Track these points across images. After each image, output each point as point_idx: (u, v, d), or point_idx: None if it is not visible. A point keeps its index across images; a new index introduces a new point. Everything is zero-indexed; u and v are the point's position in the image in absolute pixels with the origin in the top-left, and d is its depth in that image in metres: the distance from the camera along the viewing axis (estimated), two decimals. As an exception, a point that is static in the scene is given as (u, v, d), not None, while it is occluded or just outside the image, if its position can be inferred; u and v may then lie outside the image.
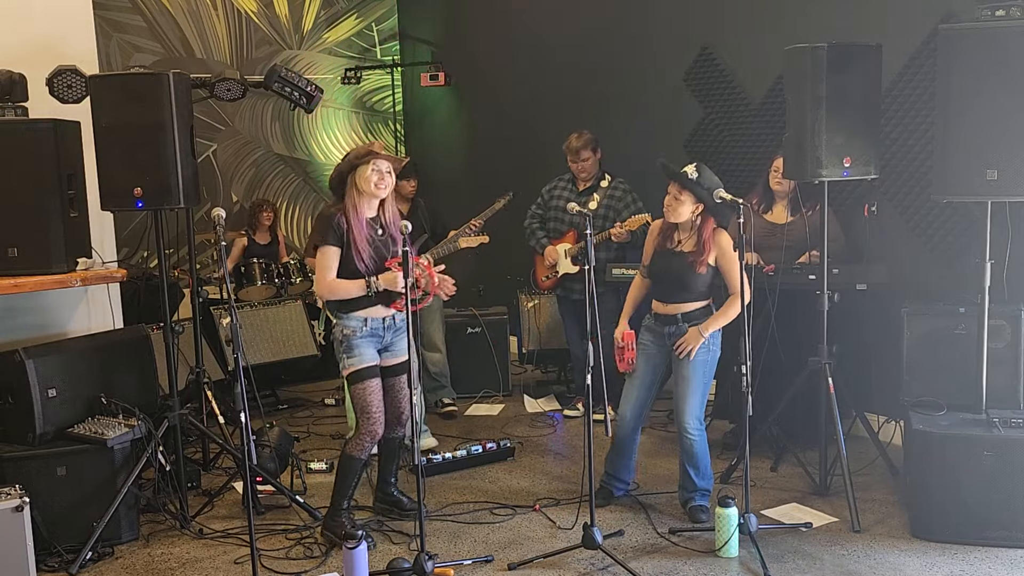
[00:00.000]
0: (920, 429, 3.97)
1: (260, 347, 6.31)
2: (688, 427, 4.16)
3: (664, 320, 4.19)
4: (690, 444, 4.18)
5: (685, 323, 4.15)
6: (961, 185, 3.90)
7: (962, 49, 3.81)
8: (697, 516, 4.22)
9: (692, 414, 4.16)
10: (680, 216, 4.10)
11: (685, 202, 4.06)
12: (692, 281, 4.11)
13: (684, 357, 4.13)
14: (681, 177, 4.02)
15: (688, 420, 4.16)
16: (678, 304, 4.16)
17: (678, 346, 4.14)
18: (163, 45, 7.60)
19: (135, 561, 4.07)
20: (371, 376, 4.01)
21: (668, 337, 4.20)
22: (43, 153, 4.25)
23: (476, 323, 6.45)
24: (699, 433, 4.18)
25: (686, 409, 4.16)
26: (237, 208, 7.87)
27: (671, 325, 4.18)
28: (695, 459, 4.21)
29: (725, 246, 4.11)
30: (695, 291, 4.14)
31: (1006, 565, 3.70)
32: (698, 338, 4.11)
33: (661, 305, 4.21)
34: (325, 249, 3.94)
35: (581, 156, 5.53)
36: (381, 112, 8.89)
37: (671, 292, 4.17)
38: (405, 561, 3.72)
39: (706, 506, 4.25)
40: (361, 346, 4.00)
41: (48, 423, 4.16)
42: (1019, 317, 4.14)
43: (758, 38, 5.61)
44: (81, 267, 4.46)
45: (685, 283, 4.13)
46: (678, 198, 4.06)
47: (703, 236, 4.09)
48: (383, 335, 4.07)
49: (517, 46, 7.55)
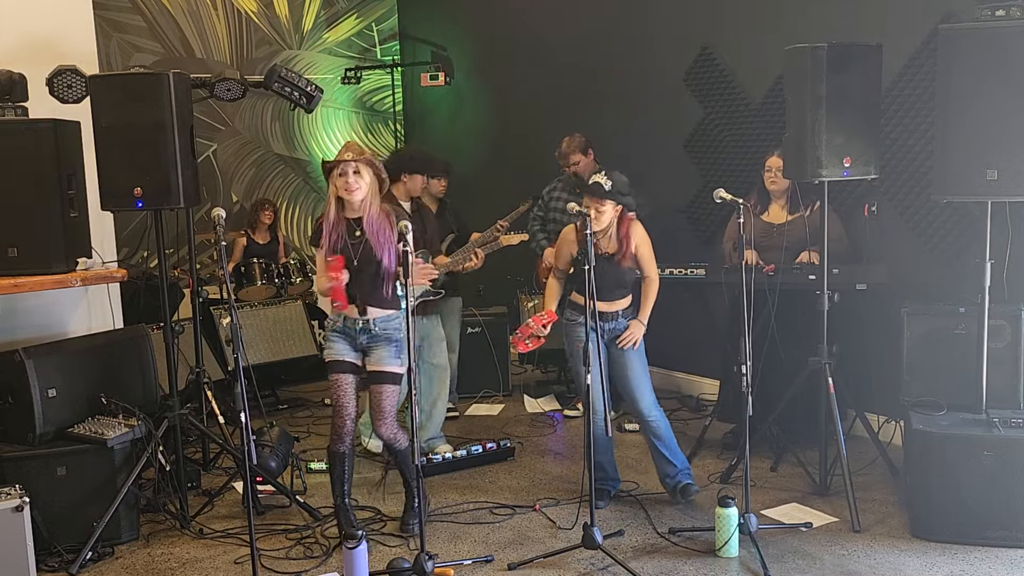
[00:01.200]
0: (920, 429, 3.97)
1: (260, 347, 6.31)
2: (649, 414, 4.34)
3: (604, 317, 4.32)
4: (656, 427, 4.35)
5: (624, 318, 4.35)
6: (961, 185, 3.90)
7: (962, 49, 3.81)
8: (689, 492, 4.37)
9: (648, 399, 4.35)
10: (604, 223, 4.26)
11: (606, 211, 4.22)
12: (624, 277, 4.33)
13: (629, 348, 4.32)
14: (598, 190, 4.18)
15: (647, 406, 4.35)
16: (616, 301, 4.35)
17: (624, 339, 4.32)
18: (163, 45, 7.60)
19: (135, 561, 4.07)
20: (340, 371, 4.11)
21: (607, 332, 4.35)
22: (43, 153, 4.25)
23: (476, 323, 6.45)
24: (659, 413, 4.38)
25: (642, 396, 4.35)
26: (237, 208, 7.87)
27: (611, 321, 4.34)
28: (664, 440, 4.37)
29: (641, 234, 4.34)
30: (627, 285, 4.37)
31: (1006, 565, 3.70)
32: (641, 328, 4.35)
33: (603, 304, 4.28)
34: (317, 251, 4.15)
35: (570, 160, 5.54)
36: (381, 112, 8.89)
37: (609, 292, 4.31)
38: (405, 561, 3.72)
39: (693, 484, 4.40)
40: (333, 340, 4.15)
41: (48, 423, 4.16)
42: (1019, 317, 4.14)
43: (758, 38, 5.61)
44: (81, 267, 4.46)
45: (620, 280, 4.34)
46: (600, 210, 4.20)
47: (621, 233, 4.30)
48: (356, 336, 4.10)
49: (517, 46, 7.55)
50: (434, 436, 5.24)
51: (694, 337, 5.89)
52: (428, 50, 8.49)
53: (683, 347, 6.06)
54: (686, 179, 6.14)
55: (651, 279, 4.39)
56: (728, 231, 5.15)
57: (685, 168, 6.17)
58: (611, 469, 4.54)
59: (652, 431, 4.36)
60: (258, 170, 8.22)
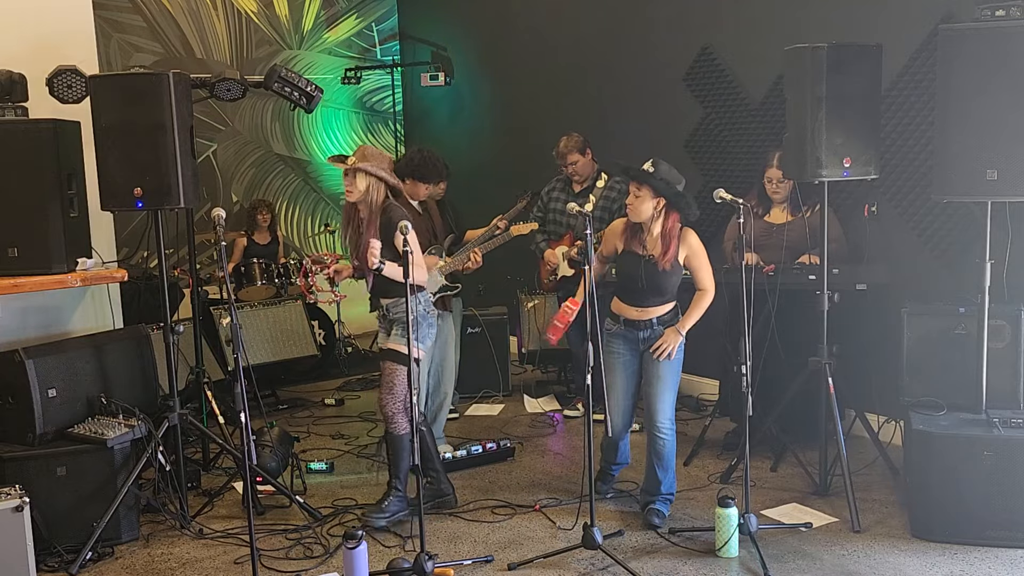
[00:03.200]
0: (920, 429, 3.97)
1: (260, 347, 6.31)
2: (662, 427, 4.16)
3: (637, 325, 4.18)
4: (662, 444, 4.18)
5: (660, 326, 4.17)
6: (961, 185, 3.90)
7: (962, 49, 3.82)
8: (651, 520, 4.18)
9: (666, 414, 4.17)
10: (642, 214, 4.08)
11: (644, 198, 4.05)
12: (665, 284, 4.12)
13: (664, 358, 4.15)
14: (637, 172, 4.05)
15: (662, 420, 4.16)
16: (652, 308, 4.17)
17: (657, 347, 4.15)
18: (163, 45, 7.60)
19: (135, 561, 4.07)
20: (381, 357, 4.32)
21: (642, 342, 4.20)
22: (43, 153, 4.25)
23: (476, 323, 6.45)
24: (671, 433, 4.19)
25: (661, 409, 4.16)
26: (237, 208, 7.87)
27: (646, 330, 4.18)
28: (664, 460, 4.20)
29: (694, 245, 4.15)
30: (668, 293, 4.17)
31: (1006, 565, 3.70)
32: (677, 338, 4.14)
33: (634, 310, 4.17)
34: None
35: (568, 160, 5.53)
36: (381, 112, 8.89)
37: (644, 297, 4.16)
38: (405, 561, 3.72)
39: (664, 512, 4.23)
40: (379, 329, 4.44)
41: (48, 423, 4.16)
42: (1019, 317, 4.14)
43: (758, 38, 5.61)
44: (81, 267, 4.46)
45: (660, 288, 4.13)
46: (637, 195, 4.07)
47: (666, 231, 4.10)
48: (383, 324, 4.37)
49: (517, 46, 7.55)
50: (436, 437, 5.24)
51: (694, 337, 5.86)
52: (428, 50, 8.50)
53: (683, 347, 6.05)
54: (686, 179, 6.12)
55: (705, 291, 4.16)
56: (728, 231, 5.15)
57: (685, 168, 6.12)
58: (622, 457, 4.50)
59: (656, 446, 4.19)
60: (258, 170, 8.22)
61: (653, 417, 4.18)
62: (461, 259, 5.06)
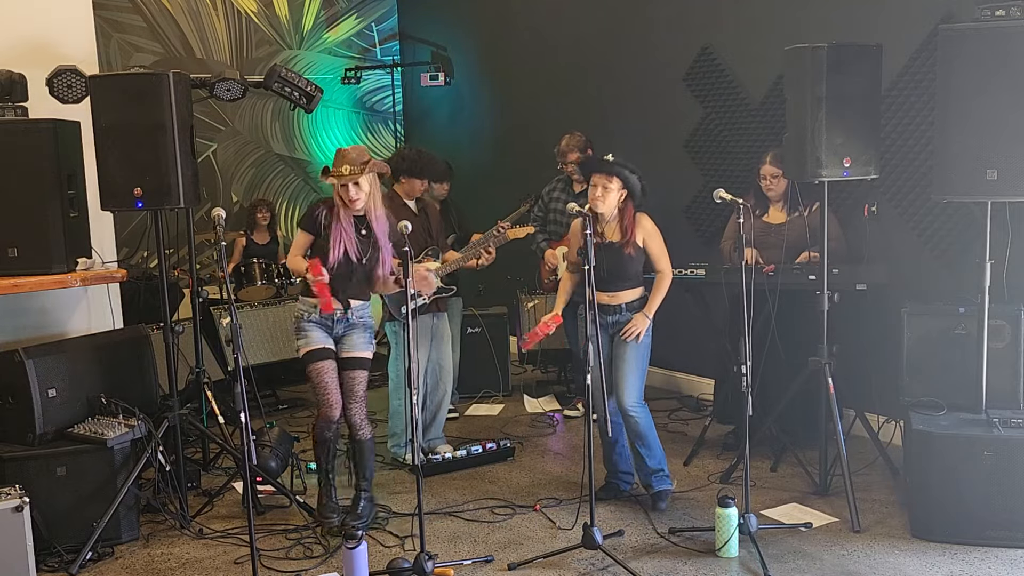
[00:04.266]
0: (920, 429, 3.97)
1: (260, 347, 6.30)
2: (631, 407, 4.28)
3: (607, 310, 4.30)
4: (635, 423, 4.30)
5: (628, 312, 4.31)
6: (961, 185, 3.90)
7: (962, 49, 3.82)
8: (657, 504, 4.34)
9: (632, 395, 4.30)
10: (609, 205, 4.23)
11: (613, 189, 4.21)
12: (627, 267, 4.28)
13: (631, 340, 4.27)
14: (609, 165, 4.20)
15: (630, 400, 4.29)
16: (619, 293, 4.31)
17: (627, 331, 4.27)
18: (163, 45, 7.60)
19: (135, 561, 4.07)
20: (323, 357, 4.19)
21: (611, 326, 4.32)
22: (43, 153, 4.25)
23: (476, 323, 6.45)
24: (642, 410, 4.31)
25: (627, 389, 4.29)
26: (237, 208, 7.86)
27: (615, 314, 4.31)
28: (643, 437, 4.32)
29: (649, 227, 4.33)
30: (632, 277, 4.32)
31: (1006, 565, 3.70)
32: (645, 321, 4.29)
33: (605, 295, 4.28)
34: (299, 232, 4.28)
35: (569, 159, 5.53)
36: (381, 112, 8.89)
37: (611, 282, 4.28)
38: (405, 561, 3.72)
39: (667, 490, 4.37)
40: (309, 329, 4.21)
41: (48, 423, 4.16)
42: (1019, 317, 4.14)
43: (758, 38, 5.60)
44: (81, 267, 4.46)
45: (623, 271, 4.28)
46: (607, 187, 4.20)
47: (625, 221, 4.27)
48: (332, 325, 4.25)
49: (517, 46, 7.55)
50: (435, 436, 5.24)
51: (694, 337, 5.88)
52: (428, 50, 8.49)
53: (683, 347, 6.06)
54: (686, 179, 6.15)
55: (663, 273, 4.35)
56: (728, 231, 5.15)
57: (685, 168, 6.18)
58: (624, 463, 4.51)
59: (632, 426, 4.31)
60: (258, 170, 8.22)
61: (621, 399, 4.30)
62: (471, 254, 5.05)
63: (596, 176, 4.23)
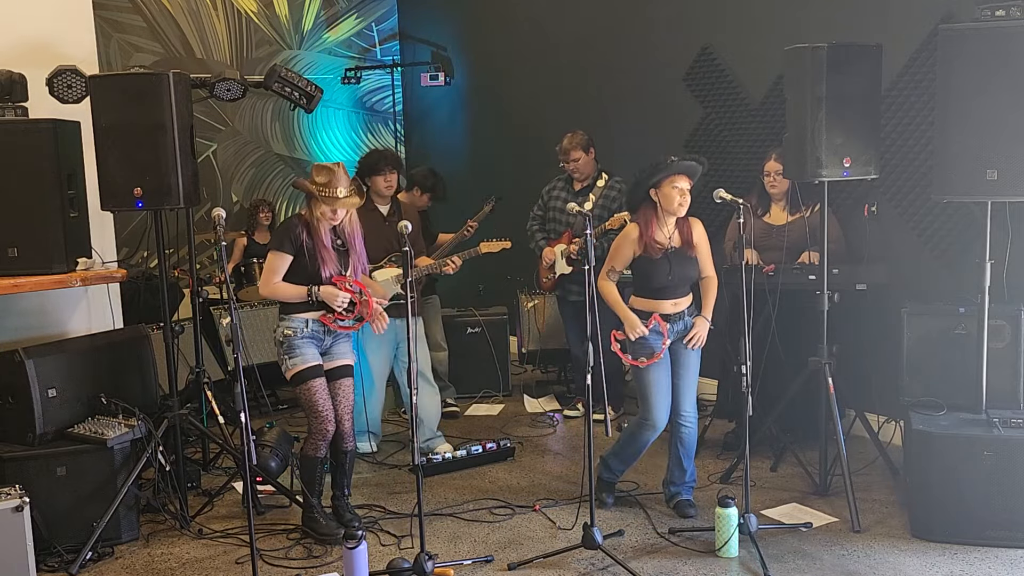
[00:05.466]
0: (920, 429, 3.97)
1: (260, 347, 6.30)
2: (688, 416, 4.26)
3: (671, 319, 4.20)
4: (687, 432, 4.27)
5: (689, 316, 4.24)
6: (961, 185, 3.90)
7: (962, 49, 3.82)
8: (686, 511, 4.29)
9: (693, 402, 4.28)
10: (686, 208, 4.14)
11: (686, 191, 4.12)
12: (692, 271, 4.22)
13: (696, 347, 4.24)
14: (689, 166, 4.10)
15: (688, 408, 4.26)
16: (681, 299, 4.23)
17: (693, 339, 4.21)
18: (163, 45, 7.60)
19: (135, 561, 4.07)
20: (315, 376, 4.11)
21: (675, 334, 4.23)
22: (43, 153, 4.25)
23: (476, 323, 6.45)
24: (695, 420, 4.31)
25: (689, 398, 4.26)
26: (237, 208, 7.86)
27: (678, 322, 4.22)
28: (688, 447, 4.30)
29: (702, 231, 4.25)
30: (692, 280, 4.26)
31: (1006, 565, 3.70)
32: (706, 325, 4.23)
33: (669, 303, 4.19)
34: (277, 254, 4.10)
35: (571, 156, 5.53)
36: (381, 112, 8.89)
37: (674, 290, 4.20)
38: (405, 561, 3.72)
39: (692, 503, 4.34)
40: (302, 346, 4.11)
41: (48, 423, 4.16)
42: (1019, 317, 4.14)
43: (758, 38, 5.60)
44: (81, 267, 4.46)
45: (688, 276, 4.22)
46: (685, 191, 4.10)
47: (683, 224, 4.20)
48: (323, 338, 4.19)
49: (517, 46, 7.55)
50: (432, 436, 5.24)
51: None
52: (428, 50, 8.49)
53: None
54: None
55: (711, 277, 4.27)
56: (729, 231, 5.15)
57: (685, 168, 6.17)
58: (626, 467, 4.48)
59: (681, 434, 4.25)
60: (258, 170, 8.21)
61: (681, 406, 4.25)
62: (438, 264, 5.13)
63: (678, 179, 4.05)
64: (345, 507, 4.29)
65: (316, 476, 4.22)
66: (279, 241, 4.13)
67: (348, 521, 4.19)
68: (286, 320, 4.12)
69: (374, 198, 5.10)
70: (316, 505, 4.21)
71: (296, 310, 4.11)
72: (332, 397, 4.17)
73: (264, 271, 4.16)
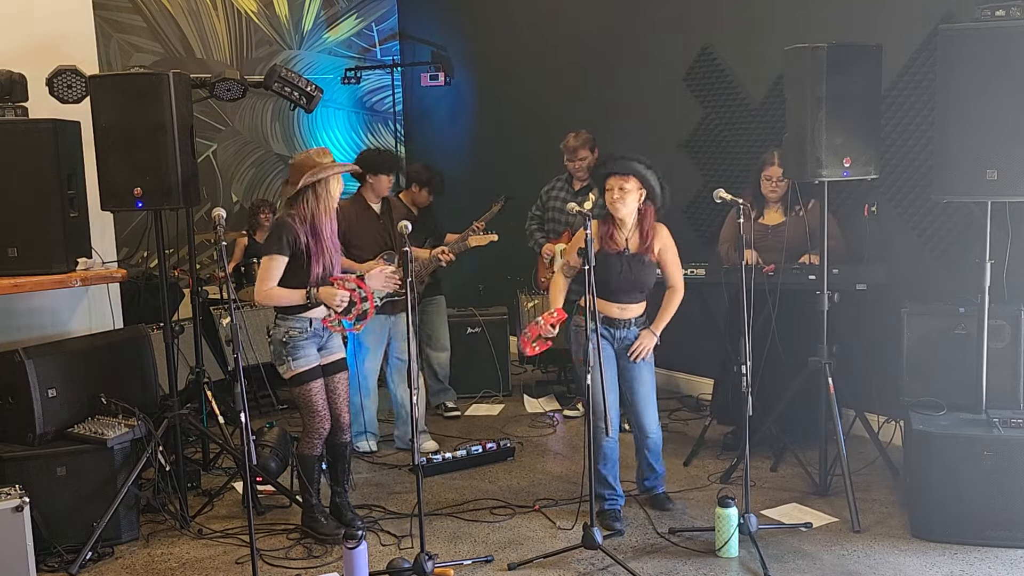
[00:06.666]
0: (920, 429, 3.97)
1: (260, 347, 6.29)
2: (652, 429, 4.24)
3: (615, 324, 4.16)
4: (655, 443, 4.28)
5: (636, 327, 4.18)
6: (961, 185, 3.90)
7: (962, 49, 3.82)
8: (665, 505, 4.34)
9: (653, 416, 4.25)
10: (628, 208, 4.07)
11: (631, 191, 4.04)
12: (646, 278, 4.14)
13: (640, 360, 4.18)
14: (622, 165, 4.02)
15: (651, 422, 4.24)
16: (630, 306, 4.16)
17: (636, 352, 4.17)
18: (163, 45, 7.59)
19: (135, 561, 4.07)
20: (316, 377, 4.12)
21: (617, 341, 4.19)
22: (43, 153, 4.25)
23: (476, 323, 6.45)
24: (659, 429, 4.30)
25: (650, 412, 4.23)
26: (237, 208, 7.86)
27: (623, 329, 4.17)
28: (654, 452, 4.31)
29: (667, 239, 4.16)
30: (645, 290, 4.18)
31: (1006, 565, 3.70)
32: (652, 339, 4.18)
33: (615, 307, 4.13)
34: (273, 258, 3.97)
35: (578, 155, 5.52)
36: (381, 112, 8.89)
37: (624, 294, 4.14)
38: (405, 561, 3.72)
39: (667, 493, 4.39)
40: (306, 347, 4.10)
41: (48, 423, 4.16)
42: (1019, 317, 4.14)
43: (758, 38, 5.60)
44: (81, 267, 4.46)
45: (641, 282, 4.14)
46: (624, 187, 4.04)
47: (645, 227, 4.11)
48: (323, 335, 4.19)
49: (517, 46, 7.55)
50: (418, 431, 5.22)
51: (694, 337, 5.88)
52: (428, 50, 8.49)
53: (683, 347, 6.04)
54: (686, 179, 6.14)
55: (675, 288, 4.18)
56: (722, 233, 5.15)
57: (685, 168, 6.17)
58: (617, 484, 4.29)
59: (649, 446, 4.28)
60: (258, 170, 8.21)
61: (644, 424, 4.24)
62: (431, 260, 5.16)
63: (611, 179, 4.04)
64: (346, 506, 4.29)
65: (313, 474, 4.22)
66: (275, 244, 3.98)
67: (349, 521, 4.19)
68: (290, 320, 4.08)
69: (369, 197, 5.10)
70: (316, 503, 4.21)
71: (299, 310, 4.09)
72: (330, 392, 4.18)
73: (259, 277, 4.04)
